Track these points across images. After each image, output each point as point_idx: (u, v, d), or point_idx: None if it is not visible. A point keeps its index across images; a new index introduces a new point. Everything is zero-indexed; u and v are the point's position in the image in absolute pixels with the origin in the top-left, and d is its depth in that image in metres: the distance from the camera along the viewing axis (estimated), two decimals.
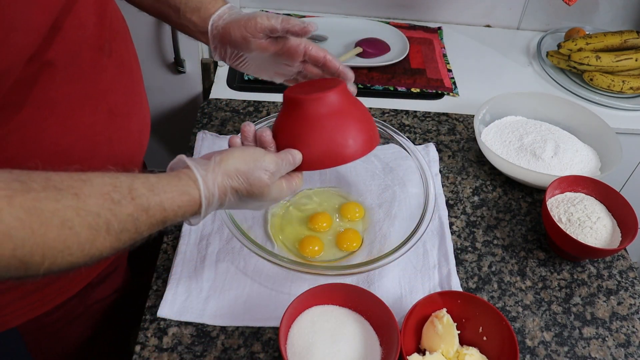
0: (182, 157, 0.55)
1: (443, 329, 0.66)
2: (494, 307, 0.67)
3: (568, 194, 0.85)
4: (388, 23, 1.29)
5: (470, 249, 0.83)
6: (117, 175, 0.48)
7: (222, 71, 1.13)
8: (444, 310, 0.67)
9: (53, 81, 0.53)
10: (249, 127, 0.61)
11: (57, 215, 0.42)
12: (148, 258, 0.89)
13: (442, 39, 1.30)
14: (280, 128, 0.64)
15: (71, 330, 0.77)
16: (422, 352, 0.67)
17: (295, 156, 0.61)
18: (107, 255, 0.47)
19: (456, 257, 0.81)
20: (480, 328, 0.68)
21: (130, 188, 0.47)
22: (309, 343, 0.64)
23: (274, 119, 0.82)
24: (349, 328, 0.66)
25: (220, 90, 1.08)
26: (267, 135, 0.61)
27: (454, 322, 0.66)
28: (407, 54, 1.20)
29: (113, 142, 0.63)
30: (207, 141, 0.93)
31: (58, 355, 0.80)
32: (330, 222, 0.82)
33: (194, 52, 1.08)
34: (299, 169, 0.62)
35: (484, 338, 0.67)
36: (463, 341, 0.68)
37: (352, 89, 0.69)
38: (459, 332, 0.66)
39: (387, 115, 1.05)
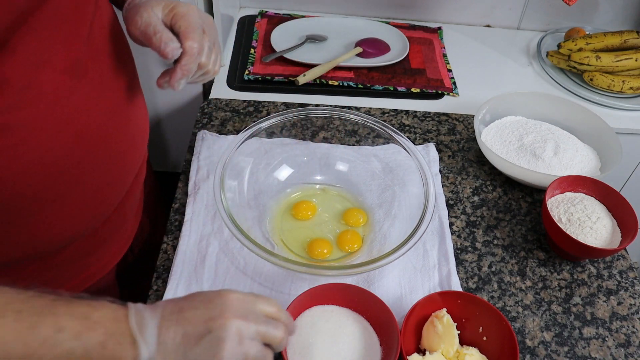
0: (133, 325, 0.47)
1: (443, 329, 0.66)
2: (494, 307, 0.67)
3: (568, 194, 0.85)
4: (388, 23, 1.29)
5: (470, 249, 0.83)
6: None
7: (222, 71, 1.13)
8: (444, 310, 0.67)
9: None
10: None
11: None
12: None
13: (442, 39, 1.30)
14: None
15: None
16: (422, 352, 0.67)
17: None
18: None
19: (456, 257, 0.81)
20: (480, 328, 0.68)
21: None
22: (309, 343, 0.63)
23: (270, 120, 0.82)
24: (349, 328, 0.66)
25: (220, 90, 1.08)
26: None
27: (454, 322, 0.66)
28: (407, 54, 1.20)
29: (84, 165, 0.59)
30: (207, 141, 0.93)
31: None
32: (315, 211, 0.83)
33: None
34: None
35: (484, 338, 0.67)
36: (463, 341, 0.68)
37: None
38: (459, 332, 0.66)
39: (387, 115, 1.05)
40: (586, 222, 0.80)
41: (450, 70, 1.20)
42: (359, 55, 1.18)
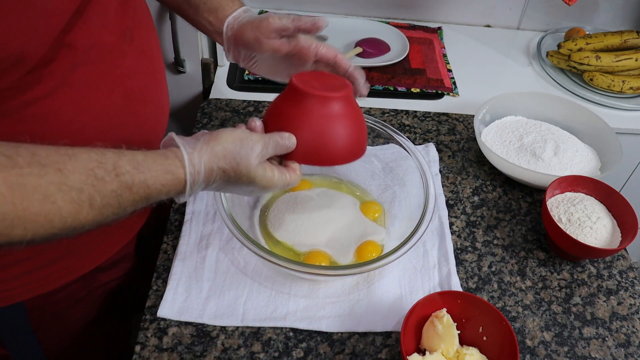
0: (172, 135, 0.55)
1: (443, 329, 0.66)
2: (494, 307, 0.67)
3: (568, 194, 0.85)
4: (388, 23, 1.29)
5: (470, 249, 0.83)
6: (104, 151, 0.49)
7: (222, 71, 1.13)
8: (444, 310, 0.67)
9: (69, 62, 0.55)
10: (254, 123, 0.62)
11: (40, 191, 0.43)
12: (154, 248, 0.89)
13: (442, 39, 1.30)
14: (276, 113, 0.63)
15: (75, 311, 0.78)
16: (422, 352, 0.67)
17: (284, 139, 0.59)
18: (89, 229, 0.48)
19: (456, 257, 0.81)
20: (480, 328, 0.68)
21: (115, 165, 0.48)
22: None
23: None
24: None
25: (220, 90, 1.08)
26: (257, 125, 0.61)
27: (454, 322, 0.66)
28: (407, 54, 1.20)
29: (127, 126, 0.64)
30: None
31: (60, 336, 0.80)
32: (327, 262, 0.75)
33: (194, 52, 1.08)
34: (289, 157, 0.61)
35: (484, 338, 0.67)
36: (463, 341, 0.68)
37: (363, 91, 0.71)
38: (459, 332, 0.66)
39: (387, 115, 1.05)
40: (586, 222, 0.80)
41: (450, 70, 1.20)
42: (359, 55, 1.18)
